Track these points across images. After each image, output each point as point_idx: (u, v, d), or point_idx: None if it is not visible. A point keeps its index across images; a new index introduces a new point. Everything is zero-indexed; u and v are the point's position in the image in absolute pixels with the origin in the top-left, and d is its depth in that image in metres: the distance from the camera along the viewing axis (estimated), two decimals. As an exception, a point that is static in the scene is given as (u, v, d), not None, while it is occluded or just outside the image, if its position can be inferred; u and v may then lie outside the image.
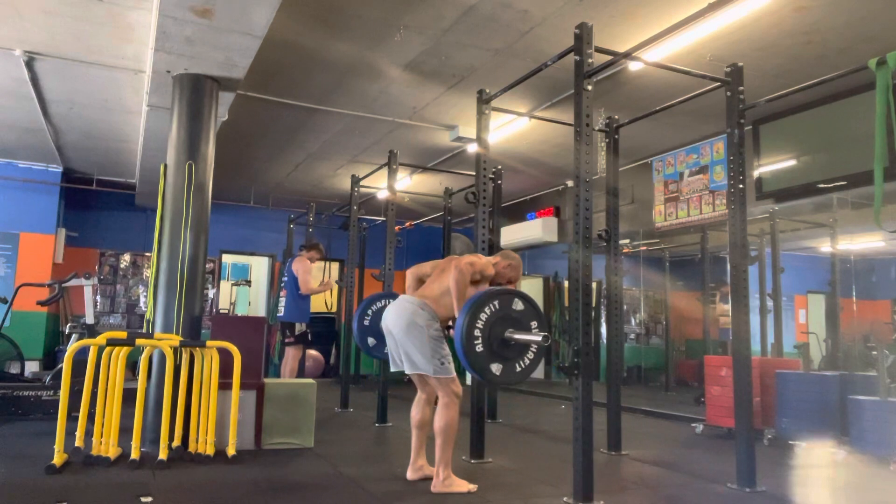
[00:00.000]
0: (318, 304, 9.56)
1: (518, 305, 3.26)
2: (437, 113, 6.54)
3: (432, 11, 4.51)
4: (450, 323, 3.54)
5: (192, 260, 4.55)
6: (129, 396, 3.97)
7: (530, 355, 3.27)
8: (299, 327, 6.62)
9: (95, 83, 5.76)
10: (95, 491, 3.32)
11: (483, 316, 3.15)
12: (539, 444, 5.32)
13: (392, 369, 3.70)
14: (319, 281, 7.10)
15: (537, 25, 4.66)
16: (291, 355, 6.59)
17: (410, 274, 3.81)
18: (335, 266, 11.08)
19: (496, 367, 3.19)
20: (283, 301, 6.72)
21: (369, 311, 4.50)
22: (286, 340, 6.62)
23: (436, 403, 3.55)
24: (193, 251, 4.57)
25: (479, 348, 3.14)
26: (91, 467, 3.74)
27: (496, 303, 3.20)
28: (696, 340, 9.65)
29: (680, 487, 3.90)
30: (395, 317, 3.49)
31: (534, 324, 3.27)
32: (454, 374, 3.45)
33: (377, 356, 4.65)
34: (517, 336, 3.19)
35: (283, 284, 6.81)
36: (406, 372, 3.56)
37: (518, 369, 3.25)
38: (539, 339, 3.15)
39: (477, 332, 3.13)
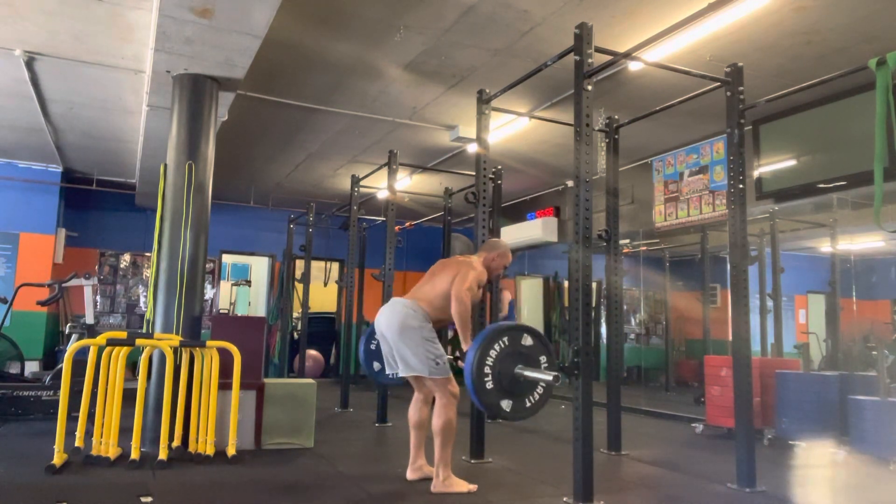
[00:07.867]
0: (317, 304, 9.58)
1: (527, 341, 3.27)
2: (437, 113, 6.53)
3: (432, 11, 4.51)
4: (450, 334, 3.53)
5: (192, 260, 4.55)
6: (129, 396, 3.97)
7: (539, 390, 3.28)
8: None
9: (95, 83, 5.76)
10: (95, 491, 3.32)
11: (492, 353, 3.16)
12: (539, 444, 5.31)
13: (387, 372, 3.69)
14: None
15: (537, 25, 4.66)
16: None
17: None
18: (335, 266, 11.08)
19: (506, 403, 3.20)
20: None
21: (375, 337, 4.50)
22: None
23: (433, 403, 3.55)
24: (193, 251, 4.57)
25: (490, 385, 3.15)
26: (91, 467, 3.75)
27: (505, 339, 3.21)
28: (696, 340, 9.64)
29: (680, 487, 3.90)
30: (388, 320, 3.49)
31: (542, 358, 3.28)
32: (450, 373, 3.45)
33: (382, 381, 4.67)
34: (527, 373, 3.19)
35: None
36: (401, 374, 3.55)
37: (528, 404, 3.26)
38: (549, 378, 3.12)
39: (487, 370, 3.14)
